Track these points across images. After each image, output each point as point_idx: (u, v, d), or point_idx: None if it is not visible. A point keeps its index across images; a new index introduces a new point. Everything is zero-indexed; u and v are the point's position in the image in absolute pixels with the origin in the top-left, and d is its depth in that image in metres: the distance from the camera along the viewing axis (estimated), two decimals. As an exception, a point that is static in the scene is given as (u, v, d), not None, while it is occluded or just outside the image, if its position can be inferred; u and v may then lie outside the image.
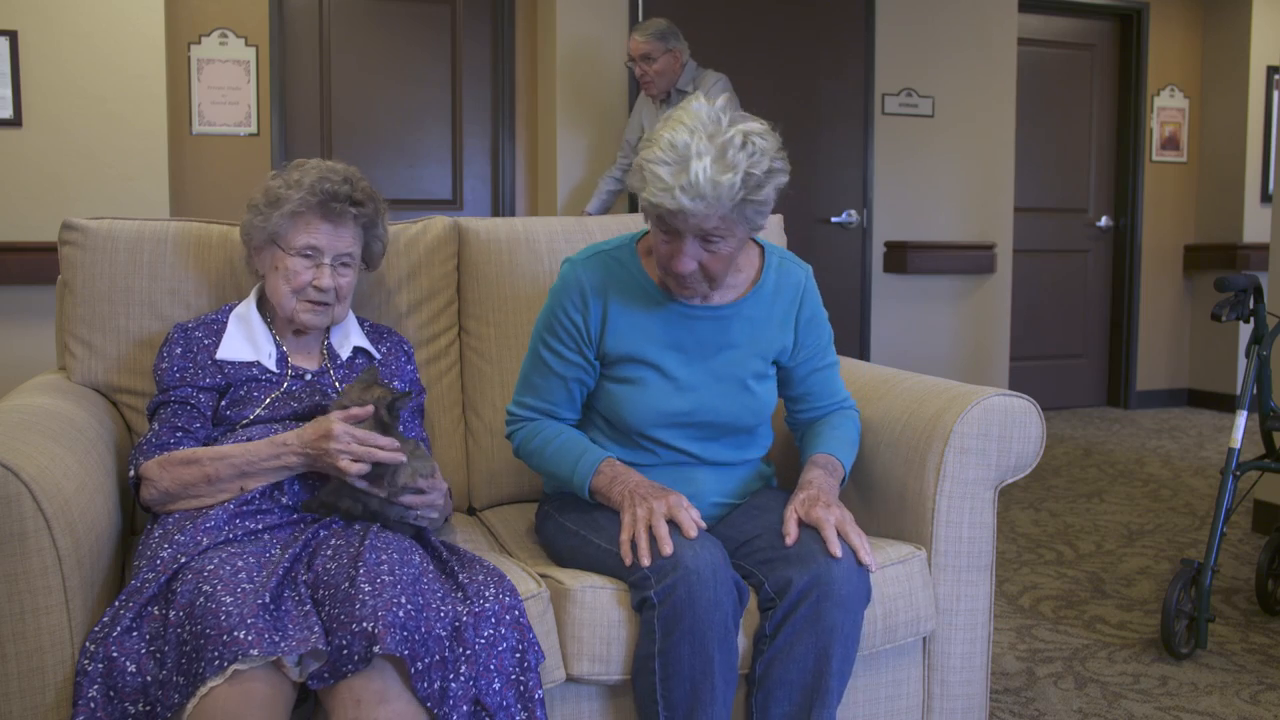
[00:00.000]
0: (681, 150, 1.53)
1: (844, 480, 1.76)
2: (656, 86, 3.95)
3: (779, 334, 1.79)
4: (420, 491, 1.64)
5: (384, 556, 1.45)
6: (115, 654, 1.32)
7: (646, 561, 1.53)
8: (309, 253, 1.79)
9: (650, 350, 1.73)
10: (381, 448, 1.57)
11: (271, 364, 1.79)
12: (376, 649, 1.30)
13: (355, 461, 1.55)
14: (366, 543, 1.47)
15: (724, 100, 1.62)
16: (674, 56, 3.91)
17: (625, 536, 1.58)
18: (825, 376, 1.86)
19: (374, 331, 1.95)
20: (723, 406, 1.75)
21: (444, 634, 1.38)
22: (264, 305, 1.87)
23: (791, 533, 1.60)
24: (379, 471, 1.59)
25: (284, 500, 1.61)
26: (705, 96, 4.20)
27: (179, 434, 1.67)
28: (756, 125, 1.60)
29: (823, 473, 1.72)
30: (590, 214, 4.18)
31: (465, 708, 1.38)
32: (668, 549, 1.52)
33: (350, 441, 1.55)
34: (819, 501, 1.63)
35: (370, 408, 1.60)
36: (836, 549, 1.56)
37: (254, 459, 1.58)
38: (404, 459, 1.61)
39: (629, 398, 1.73)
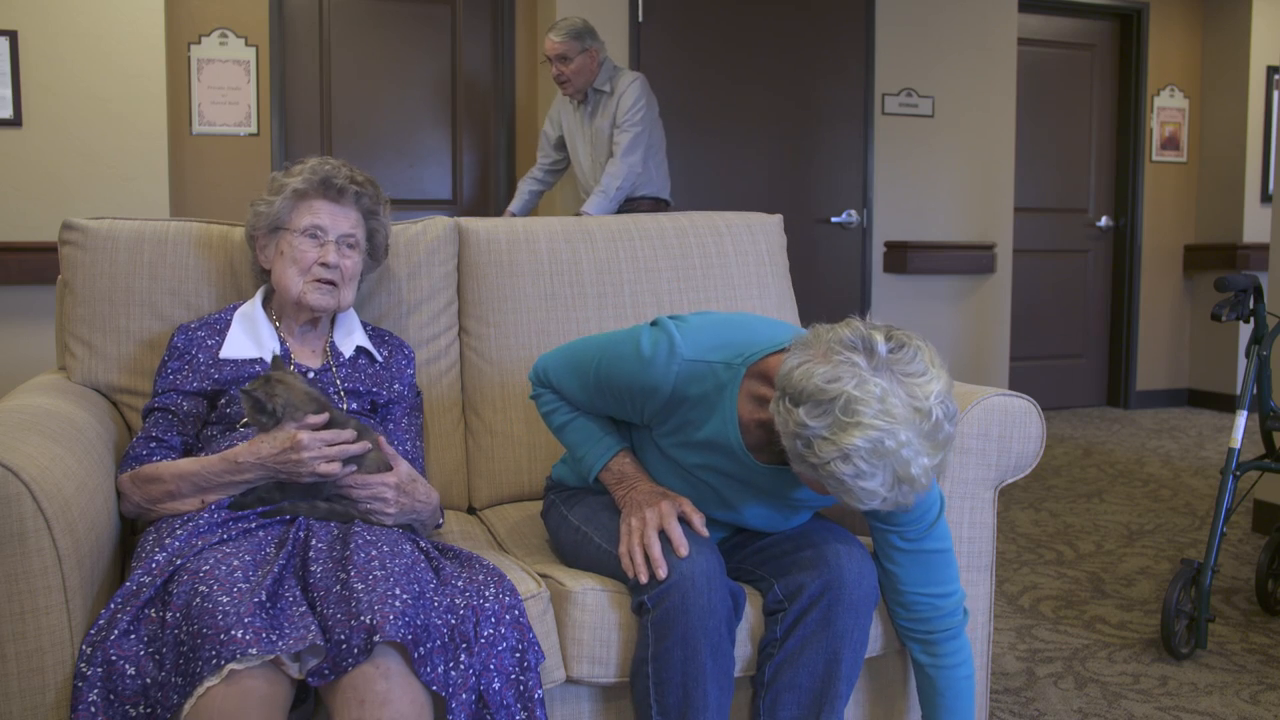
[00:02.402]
0: (891, 456, 1.29)
1: None
2: (573, 86, 3.87)
3: None
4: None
5: (373, 553, 1.45)
6: (114, 657, 1.32)
7: (644, 579, 1.50)
8: (314, 233, 1.81)
9: (706, 474, 1.59)
10: (347, 441, 1.60)
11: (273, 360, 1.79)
12: (377, 638, 1.30)
13: (330, 462, 1.57)
14: (352, 544, 1.47)
15: (882, 375, 1.30)
16: (590, 56, 3.82)
17: (623, 549, 1.55)
18: (914, 561, 1.58)
19: (376, 335, 1.96)
20: (769, 521, 1.63)
21: (441, 622, 1.39)
22: (268, 304, 1.88)
23: None
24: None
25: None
26: (622, 97, 3.71)
27: (153, 444, 1.69)
28: (937, 382, 1.32)
29: None
30: (513, 214, 4.11)
31: (465, 696, 1.38)
32: (661, 572, 1.49)
33: (322, 446, 1.57)
34: None
35: (325, 415, 1.60)
36: None
37: (209, 475, 1.60)
38: (370, 446, 1.63)
39: (672, 485, 1.63)
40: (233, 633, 1.28)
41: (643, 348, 1.53)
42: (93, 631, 1.35)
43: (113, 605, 1.38)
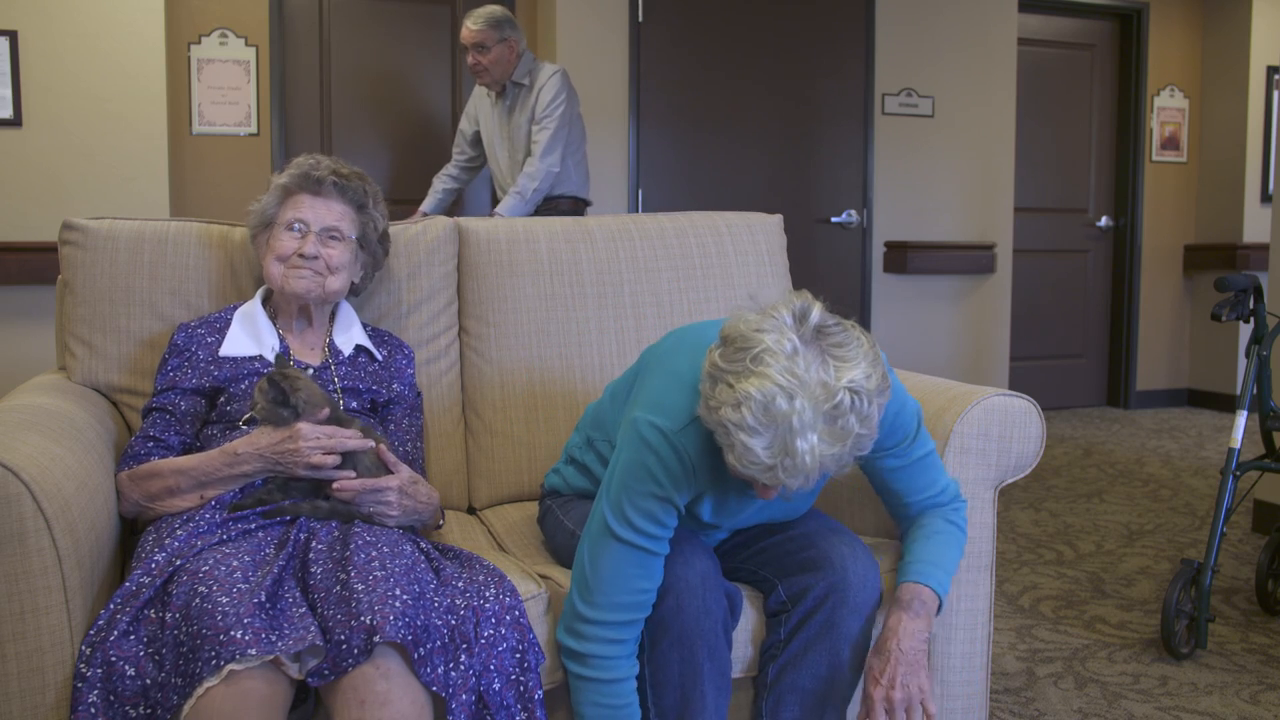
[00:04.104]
0: (781, 421, 1.24)
1: (940, 607, 1.56)
2: (491, 77, 3.73)
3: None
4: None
5: (373, 554, 1.45)
6: (114, 658, 1.32)
7: None
8: (296, 226, 1.82)
9: (706, 508, 1.55)
10: (347, 437, 1.61)
11: (273, 357, 1.80)
12: (378, 639, 1.31)
13: (326, 455, 1.59)
14: (352, 544, 1.47)
15: (807, 345, 1.28)
16: (509, 46, 3.68)
17: None
18: (908, 473, 1.60)
19: (376, 335, 1.96)
20: (755, 523, 1.64)
21: (441, 622, 1.39)
22: (268, 304, 1.89)
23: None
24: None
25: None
26: (542, 91, 3.58)
27: (150, 444, 1.69)
28: (860, 370, 1.27)
29: (907, 618, 1.51)
30: (426, 214, 3.96)
31: (465, 696, 1.38)
32: None
33: (320, 437, 1.59)
34: (896, 682, 1.48)
35: (326, 410, 1.62)
36: None
37: (208, 469, 1.61)
38: (371, 444, 1.64)
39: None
40: (232, 633, 1.28)
41: (645, 455, 1.44)
42: (92, 632, 1.35)
43: (112, 605, 1.38)
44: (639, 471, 1.44)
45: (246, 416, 1.72)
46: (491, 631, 1.43)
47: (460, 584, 1.48)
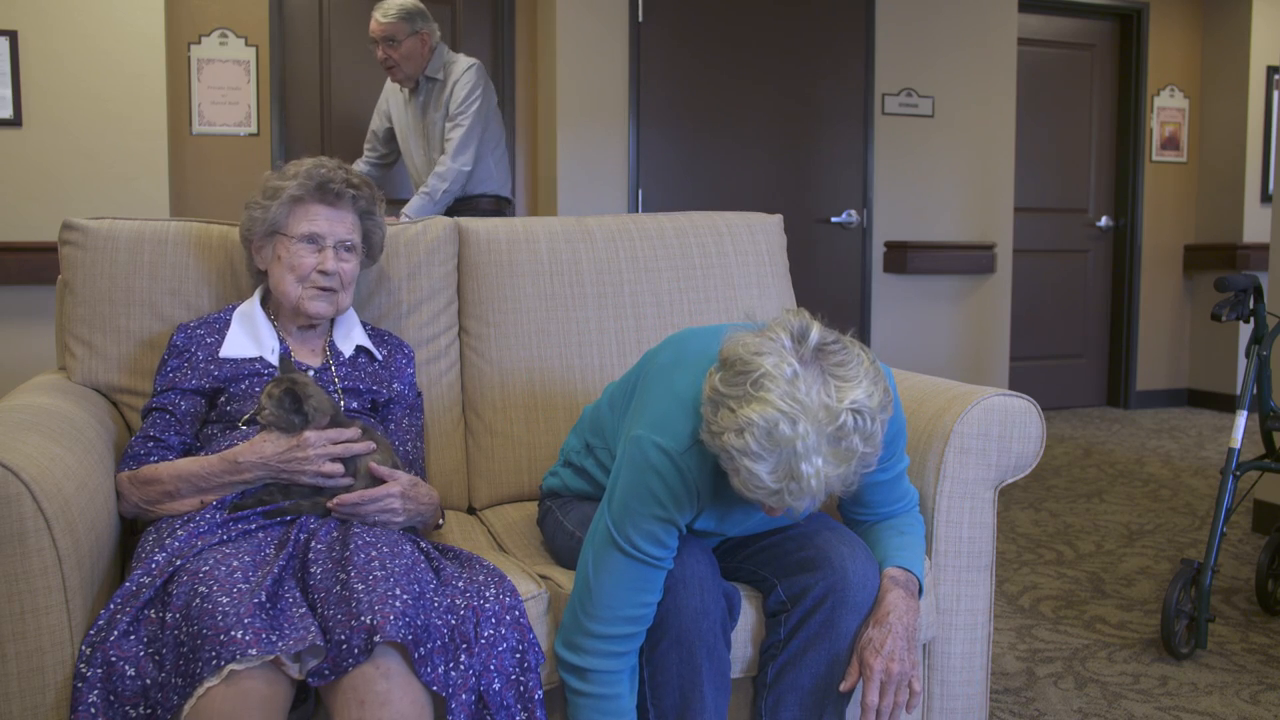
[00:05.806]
0: (784, 446, 1.24)
1: (921, 592, 1.60)
2: (402, 72, 3.56)
3: None
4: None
5: (373, 554, 1.45)
6: (114, 658, 1.32)
7: None
8: (311, 239, 1.80)
9: (709, 522, 1.54)
10: (351, 440, 1.62)
11: (274, 359, 1.80)
12: (378, 639, 1.31)
13: (333, 461, 1.60)
14: (352, 544, 1.47)
15: (807, 366, 1.27)
16: (421, 39, 3.52)
17: None
18: (888, 486, 1.63)
19: (376, 335, 1.96)
20: (757, 532, 1.65)
21: (441, 622, 1.39)
22: (267, 303, 1.88)
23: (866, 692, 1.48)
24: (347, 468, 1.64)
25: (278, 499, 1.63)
26: (456, 86, 3.46)
27: (150, 444, 1.69)
28: (862, 389, 1.27)
29: (905, 596, 1.53)
30: None
31: (465, 696, 1.38)
32: None
33: (326, 444, 1.59)
34: (895, 655, 1.49)
35: (329, 416, 1.62)
36: (871, 715, 1.47)
37: (208, 475, 1.61)
38: (373, 446, 1.64)
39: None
40: (233, 633, 1.28)
41: (648, 475, 1.43)
42: (92, 632, 1.35)
43: (112, 605, 1.38)
44: (642, 493, 1.44)
45: (247, 417, 1.71)
46: (491, 631, 1.43)
47: (460, 584, 1.48)
